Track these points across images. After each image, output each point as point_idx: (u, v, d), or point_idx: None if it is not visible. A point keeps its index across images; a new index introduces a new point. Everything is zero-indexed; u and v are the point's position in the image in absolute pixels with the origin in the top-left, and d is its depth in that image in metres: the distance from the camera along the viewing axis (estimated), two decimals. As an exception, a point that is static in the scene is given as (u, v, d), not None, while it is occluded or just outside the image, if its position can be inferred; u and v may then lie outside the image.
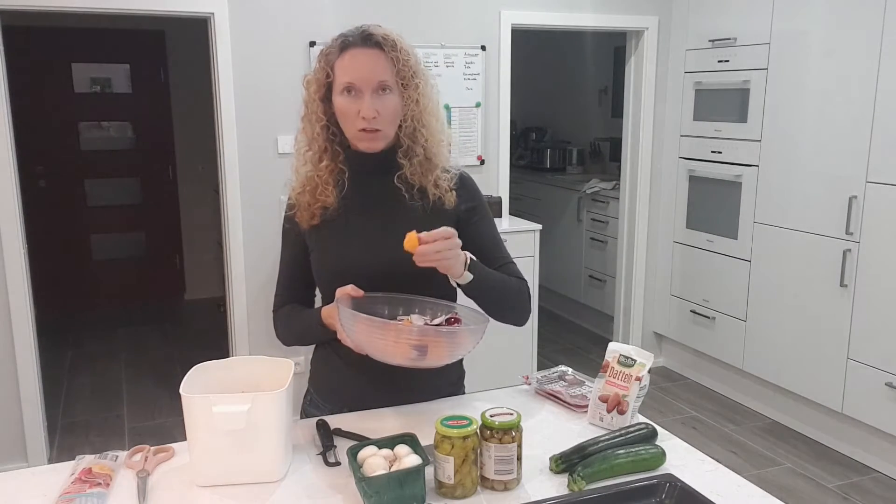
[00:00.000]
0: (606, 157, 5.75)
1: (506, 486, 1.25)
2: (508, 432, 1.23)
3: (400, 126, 1.51)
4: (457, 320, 1.45)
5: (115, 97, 5.54)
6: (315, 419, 1.50)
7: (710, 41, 3.95)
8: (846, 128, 3.25)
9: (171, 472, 1.31)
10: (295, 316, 1.62)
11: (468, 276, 1.45)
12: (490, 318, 1.46)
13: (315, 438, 1.42)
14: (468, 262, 1.45)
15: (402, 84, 1.48)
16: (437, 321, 1.44)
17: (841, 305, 3.34)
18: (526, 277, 1.62)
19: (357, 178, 1.54)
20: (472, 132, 3.92)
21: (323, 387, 1.64)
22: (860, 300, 3.25)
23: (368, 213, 1.54)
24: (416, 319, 1.44)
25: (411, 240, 1.34)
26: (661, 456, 1.33)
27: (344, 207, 1.53)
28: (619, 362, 1.49)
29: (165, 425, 3.77)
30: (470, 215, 1.58)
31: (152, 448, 1.37)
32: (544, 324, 4.98)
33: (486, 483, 1.25)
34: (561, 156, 6.03)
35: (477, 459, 1.24)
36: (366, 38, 1.46)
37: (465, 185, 1.59)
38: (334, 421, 1.48)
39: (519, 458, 1.25)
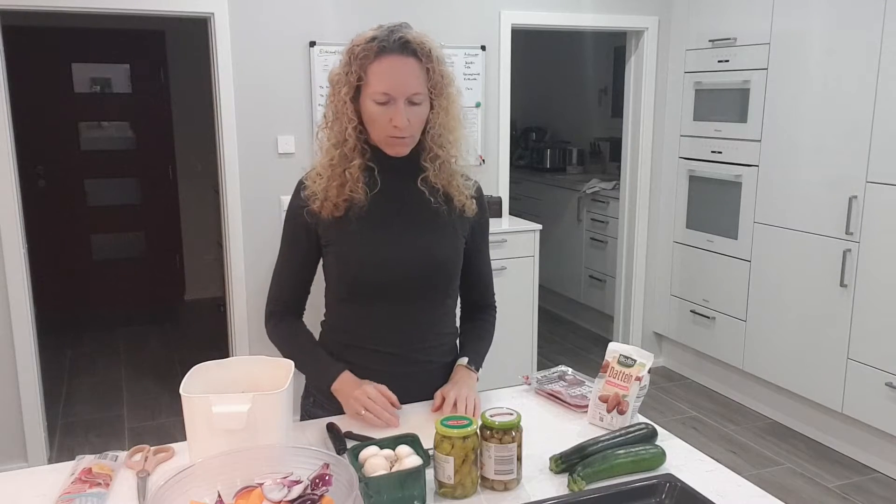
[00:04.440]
0: (606, 157, 5.75)
1: (506, 486, 1.25)
2: (508, 432, 1.23)
3: (425, 130, 1.52)
4: (323, 482, 1.09)
5: (115, 97, 5.54)
6: (325, 421, 1.50)
7: (710, 41, 3.95)
8: (846, 128, 3.25)
9: (171, 472, 1.30)
10: (300, 346, 1.60)
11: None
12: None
13: (326, 441, 1.43)
14: (477, 372, 1.64)
15: (433, 93, 1.49)
16: (296, 489, 1.08)
17: (841, 305, 3.34)
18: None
19: (384, 176, 1.54)
20: (473, 132, 3.92)
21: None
22: (860, 300, 3.25)
23: (397, 211, 1.55)
24: (269, 488, 1.09)
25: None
26: (661, 456, 1.33)
27: (371, 203, 1.53)
28: (619, 362, 1.49)
29: (165, 425, 3.77)
30: (481, 229, 1.67)
31: (152, 448, 1.37)
32: (544, 324, 4.98)
33: (486, 483, 1.25)
34: (561, 156, 6.03)
35: (477, 459, 1.24)
36: (403, 46, 1.44)
37: (481, 197, 1.65)
38: (342, 423, 1.48)
39: (519, 458, 1.25)
